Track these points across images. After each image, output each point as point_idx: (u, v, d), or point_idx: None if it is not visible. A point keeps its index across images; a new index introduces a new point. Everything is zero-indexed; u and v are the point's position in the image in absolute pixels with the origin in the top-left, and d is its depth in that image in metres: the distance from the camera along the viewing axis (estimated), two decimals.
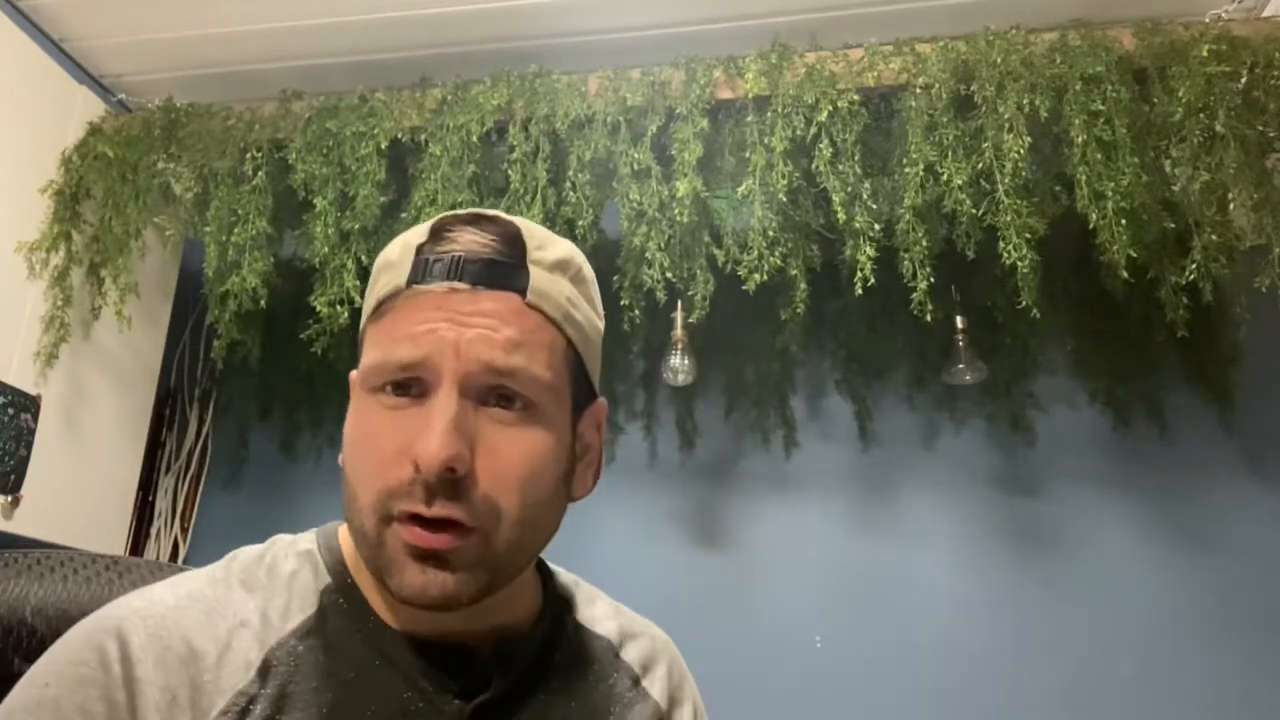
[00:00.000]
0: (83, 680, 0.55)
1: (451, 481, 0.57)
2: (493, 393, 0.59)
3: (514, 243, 0.63)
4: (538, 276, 0.62)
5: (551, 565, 0.76)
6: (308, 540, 0.68)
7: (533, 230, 0.65)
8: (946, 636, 1.84)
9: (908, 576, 1.90)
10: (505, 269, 0.61)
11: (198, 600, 0.61)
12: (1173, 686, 1.76)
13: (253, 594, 0.62)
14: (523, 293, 0.61)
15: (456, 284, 0.60)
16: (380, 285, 0.64)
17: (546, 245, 0.65)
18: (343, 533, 0.67)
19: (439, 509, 0.57)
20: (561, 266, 0.64)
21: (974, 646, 1.83)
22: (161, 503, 2.15)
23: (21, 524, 1.71)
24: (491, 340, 0.59)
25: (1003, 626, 1.84)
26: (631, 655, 0.73)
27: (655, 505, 2.03)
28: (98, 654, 0.56)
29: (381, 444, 0.59)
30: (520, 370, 0.59)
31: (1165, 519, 1.87)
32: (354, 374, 0.65)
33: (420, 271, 0.61)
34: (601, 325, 0.70)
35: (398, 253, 0.64)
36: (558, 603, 0.72)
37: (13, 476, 1.71)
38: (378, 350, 0.61)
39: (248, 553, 0.66)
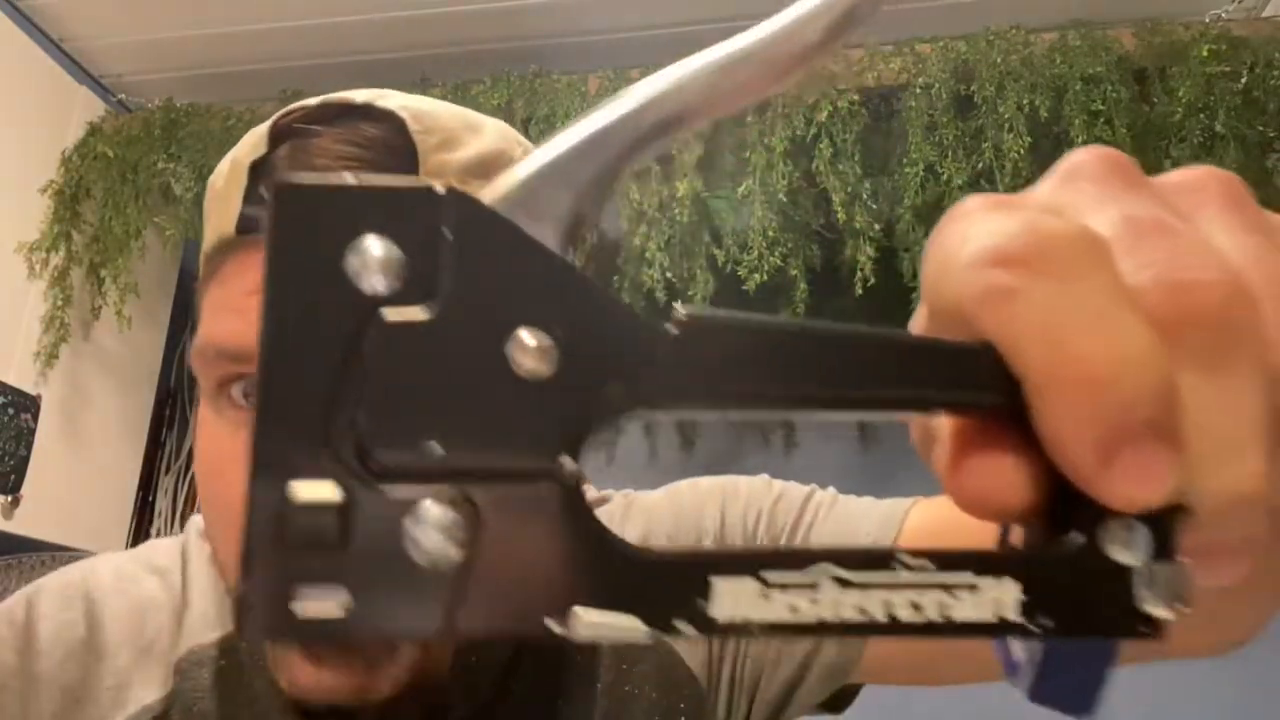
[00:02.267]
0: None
1: None
2: None
3: (397, 147, 0.42)
4: None
5: None
6: None
7: (431, 119, 0.43)
8: None
9: None
10: None
11: (133, 585, 0.52)
12: (1171, 685, 1.76)
13: (189, 578, 0.52)
14: None
15: None
16: (209, 227, 0.45)
17: (457, 140, 0.43)
18: None
19: None
20: (483, 168, 0.42)
21: None
22: (161, 503, 2.14)
23: (21, 524, 1.71)
24: None
25: None
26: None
27: None
28: (9, 631, 0.49)
29: (231, 483, 0.41)
30: None
31: None
32: None
33: (253, 214, 0.42)
34: None
35: (224, 175, 0.44)
36: None
37: (13, 476, 1.71)
38: (201, 327, 0.43)
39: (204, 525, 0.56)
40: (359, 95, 0.44)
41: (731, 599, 0.16)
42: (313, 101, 0.44)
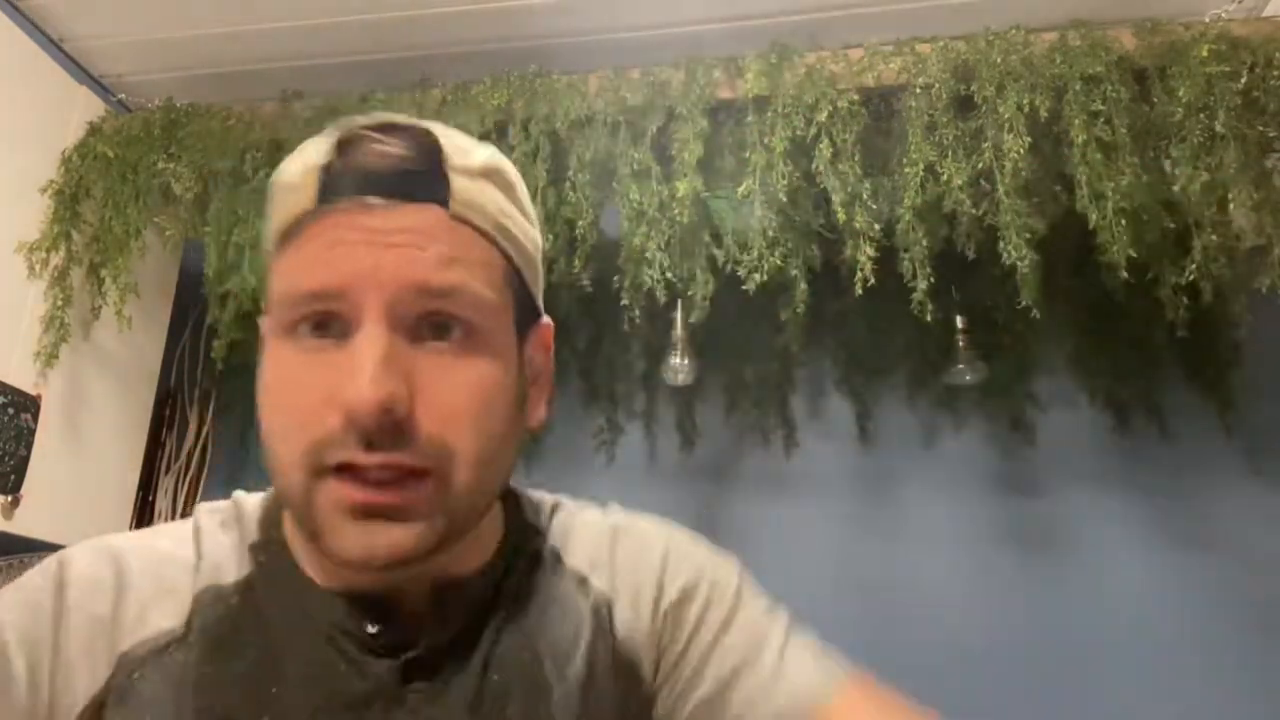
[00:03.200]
0: (29, 606, 0.56)
1: (391, 425, 0.50)
2: (426, 321, 0.53)
3: (430, 150, 0.55)
4: (461, 185, 0.55)
5: (532, 494, 0.70)
6: (256, 496, 0.66)
7: (451, 135, 0.57)
8: (946, 636, 1.84)
9: (907, 577, 1.90)
10: (424, 178, 0.54)
11: (151, 544, 0.61)
12: (1171, 685, 1.76)
13: (202, 542, 0.62)
14: (446, 204, 0.54)
15: (369, 199, 0.53)
16: (282, 209, 0.56)
17: (469, 151, 0.57)
18: None
19: (380, 456, 0.50)
20: (488, 174, 0.57)
21: (974, 646, 1.83)
22: (161, 503, 2.14)
23: (21, 524, 1.71)
24: (419, 258, 0.52)
25: (1002, 626, 1.84)
26: (602, 580, 0.65)
27: (655, 505, 2.01)
28: (45, 579, 0.58)
29: (303, 392, 0.52)
30: (459, 288, 0.53)
31: (1165, 519, 1.87)
32: (264, 320, 0.59)
33: (327, 189, 0.53)
34: (539, 239, 0.63)
35: (298, 173, 0.55)
36: (521, 541, 0.65)
37: (13, 476, 1.71)
38: (283, 282, 0.54)
39: (210, 506, 0.66)
40: (398, 118, 0.56)
41: None
42: (367, 120, 0.55)
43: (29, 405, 1.76)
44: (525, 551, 0.65)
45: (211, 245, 1.85)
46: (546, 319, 0.64)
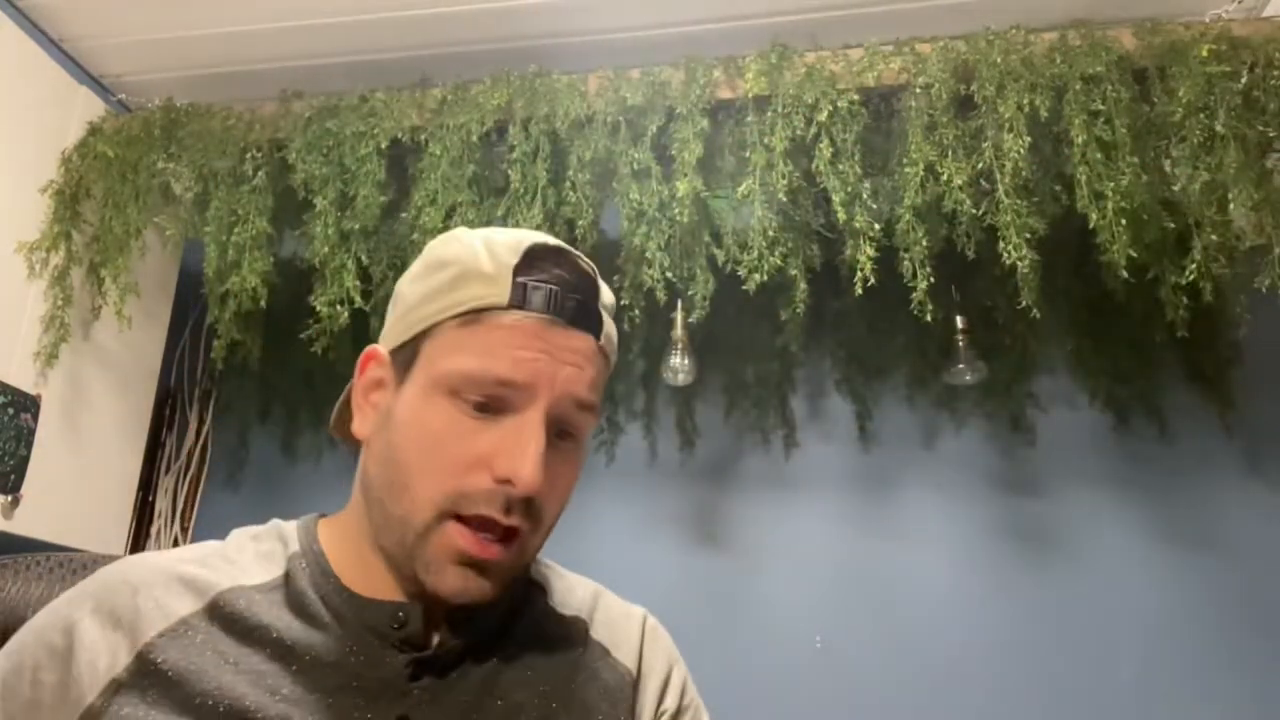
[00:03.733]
0: (53, 613, 0.64)
1: (530, 503, 0.64)
2: (562, 423, 0.66)
3: (592, 285, 0.68)
4: (605, 321, 0.69)
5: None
6: (292, 521, 0.74)
7: (594, 269, 0.71)
8: (946, 637, 1.84)
9: (908, 577, 1.90)
10: (590, 311, 0.67)
11: (174, 554, 0.69)
12: (1172, 686, 1.76)
13: (228, 551, 0.69)
14: (597, 335, 0.68)
15: (555, 318, 0.65)
16: (471, 292, 0.66)
17: (603, 288, 0.71)
18: (323, 522, 0.73)
19: (514, 519, 0.63)
20: (611, 310, 0.72)
21: (974, 647, 1.83)
22: (161, 503, 2.14)
23: (21, 524, 1.71)
24: (579, 378, 0.65)
25: (1002, 627, 1.84)
26: (602, 632, 0.75)
27: (655, 505, 2.02)
28: (71, 591, 0.65)
29: (456, 447, 0.63)
30: (595, 407, 0.67)
31: (1165, 519, 1.87)
32: (380, 349, 0.70)
33: (521, 296, 0.65)
34: None
35: (490, 267, 0.66)
36: (528, 585, 0.76)
37: (13, 476, 1.71)
38: (472, 359, 0.64)
39: (243, 528, 0.74)
40: (568, 247, 0.69)
41: None
42: (549, 243, 0.68)
43: (29, 405, 1.76)
44: (533, 596, 0.75)
45: (211, 245, 1.85)
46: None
